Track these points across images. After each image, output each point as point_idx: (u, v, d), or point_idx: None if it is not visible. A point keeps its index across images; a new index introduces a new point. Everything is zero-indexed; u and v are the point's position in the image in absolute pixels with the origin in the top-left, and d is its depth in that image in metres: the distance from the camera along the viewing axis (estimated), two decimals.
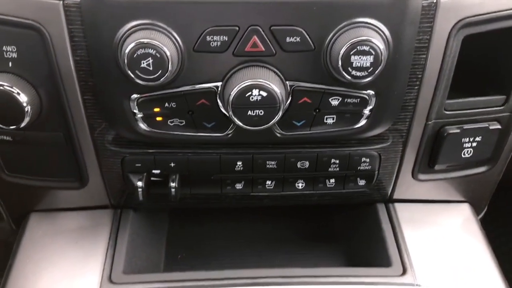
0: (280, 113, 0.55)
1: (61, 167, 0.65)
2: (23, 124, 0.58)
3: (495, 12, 0.57)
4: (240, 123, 0.55)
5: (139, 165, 0.63)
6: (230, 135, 0.59)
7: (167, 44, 0.51)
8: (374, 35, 0.51)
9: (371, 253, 0.68)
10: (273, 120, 0.55)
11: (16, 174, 0.66)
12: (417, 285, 0.61)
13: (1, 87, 0.55)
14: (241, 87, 0.53)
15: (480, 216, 0.78)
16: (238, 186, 0.67)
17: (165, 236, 0.74)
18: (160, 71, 0.52)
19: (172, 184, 0.64)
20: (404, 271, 0.63)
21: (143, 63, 0.51)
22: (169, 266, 0.70)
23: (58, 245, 0.66)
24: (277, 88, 0.53)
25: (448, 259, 0.66)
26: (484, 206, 0.78)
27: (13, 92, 0.56)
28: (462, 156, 0.66)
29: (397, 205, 0.72)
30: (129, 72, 0.51)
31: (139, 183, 0.64)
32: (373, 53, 0.52)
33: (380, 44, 0.51)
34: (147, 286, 0.60)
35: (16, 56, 0.56)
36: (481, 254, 0.67)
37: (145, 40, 0.50)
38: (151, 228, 0.72)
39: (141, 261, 0.66)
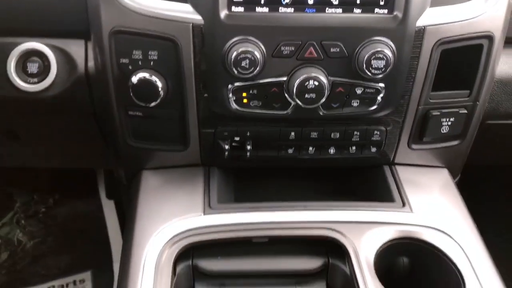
0: (325, 97, 0.86)
1: (172, 135, 0.93)
2: (154, 103, 0.88)
3: (461, 35, 0.87)
4: (300, 103, 0.85)
5: (226, 134, 0.93)
6: (289, 113, 0.89)
7: (257, 52, 0.81)
8: (386, 48, 0.81)
9: (380, 196, 0.96)
10: (320, 101, 0.85)
11: (139, 140, 0.95)
12: (413, 212, 0.92)
13: (146, 77, 0.85)
14: (302, 78, 0.83)
15: (455, 180, 1.08)
16: (290, 150, 0.96)
17: (236, 182, 1.04)
18: (252, 68, 0.82)
19: (248, 148, 0.94)
20: (404, 204, 0.93)
21: (243, 63, 0.82)
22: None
23: (167, 189, 0.94)
24: (324, 80, 0.83)
25: (434, 201, 0.95)
26: (458, 173, 1.08)
27: (152, 80, 0.86)
28: (442, 131, 0.96)
29: (397, 167, 1.01)
30: (233, 68, 0.82)
31: (226, 146, 0.94)
32: (385, 59, 0.82)
33: (389, 53, 0.81)
34: (236, 209, 0.90)
35: (156, 58, 0.85)
36: (455, 199, 0.97)
37: (244, 49, 0.81)
38: (227, 179, 1.01)
39: (224, 199, 0.95)
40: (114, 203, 1.81)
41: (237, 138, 0.93)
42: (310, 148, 0.96)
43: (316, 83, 0.83)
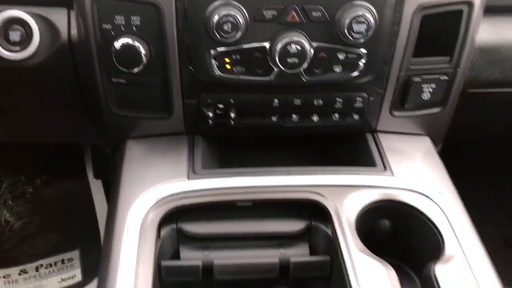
0: (307, 62, 0.86)
1: (156, 103, 0.94)
2: (137, 70, 0.88)
3: (441, 0, 0.88)
4: (282, 67, 0.86)
5: (210, 101, 0.93)
6: (272, 79, 0.90)
7: (239, 16, 0.81)
8: (367, 12, 0.82)
9: (362, 162, 0.98)
10: (303, 66, 0.86)
11: (123, 108, 0.95)
12: (393, 175, 0.93)
13: (129, 42, 0.85)
14: (284, 42, 0.83)
15: (438, 149, 1.10)
16: (274, 118, 0.97)
17: (220, 151, 1.04)
18: (234, 32, 0.82)
19: (232, 115, 0.95)
20: (385, 169, 0.94)
21: (225, 26, 0.82)
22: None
23: (152, 157, 0.94)
24: (306, 44, 0.84)
25: (415, 166, 0.97)
26: (440, 142, 1.10)
27: (135, 46, 0.86)
28: (423, 98, 0.97)
29: (380, 134, 1.02)
30: (215, 32, 0.82)
31: (210, 114, 0.94)
32: (366, 23, 0.83)
33: (370, 18, 0.82)
34: (220, 174, 0.91)
35: (139, 23, 0.85)
36: (437, 165, 0.98)
37: (227, 12, 0.81)
38: (211, 148, 1.02)
39: (209, 165, 0.96)
40: (102, 182, 1.81)
41: (221, 106, 0.94)
42: (294, 116, 0.97)
43: (299, 47, 0.83)
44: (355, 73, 0.89)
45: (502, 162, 2.04)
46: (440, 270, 0.78)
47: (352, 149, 1.04)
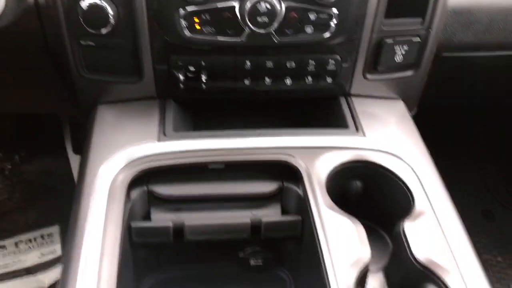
0: (278, 22, 0.85)
1: (126, 66, 0.93)
2: (105, 31, 0.87)
3: None
4: (252, 26, 0.85)
5: (180, 63, 0.92)
6: (244, 40, 0.89)
7: None
8: None
9: (334, 124, 0.97)
10: (273, 24, 0.84)
11: (93, 72, 0.94)
12: (366, 137, 0.93)
13: (96, 2, 0.84)
14: (253, 0, 0.82)
15: (412, 113, 1.10)
16: (247, 81, 0.96)
17: (192, 116, 1.04)
18: None
19: (203, 78, 0.94)
20: (357, 130, 0.94)
21: None
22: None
23: (122, 121, 0.93)
24: (276, 3, 0.83)
25: (388, 129, 0.97)
26: (414, 106, 1.10)
27: (102, 6, 0.85)
28: (395, 60, 0.97)
29: (353, 98, 1.02)
30: None
31: (181, 77, 0.93)
32: None
33: None
34: (191, 137, 0.90)
35: None
36: (410, 128, 0.98)
37: None
38: (185, 113, 1.01)
39: (181, 129, 0.95)
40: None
41: (192, 68, 0.93)
42: (267, 79, 0.96)
43: (268, 6, 0.83)
44: (327, 34, 0.89)
45: (482, 132, 2.06)
46: (409, 226, 0.78)
47: (325, 113, 1.04)
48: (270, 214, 0.88)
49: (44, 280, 1.58)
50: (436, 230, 0.78)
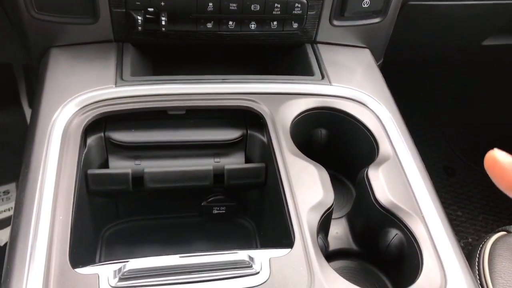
0: None
1: (80, 5, 0.87)
2: None
3: None
4: None
5: (138, 3, 0.87)
6: None
7: None
8: None
9: (300, 71, 0.95)
10: None
11: (44, 12, 0.88)
12: (330, 84, 0.92)
13: None
14: None
15: (379, 63, 1.08)
16: (209, 25, 0.92)
17: (152, 64, 0.99)
18: None
19: (163, 20, 0.89)
20: (323, 77, 0.92)
21: None
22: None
23: (77, 64, 0.88)
24: None
25: (353, 76, 0.95)
26: (381, 55, 1.08)
27: None
28: (362, 6, 0.95)
29: (320, 45, 1.00)
30: None
31: (139, 18, 0.88)
32: None
33: None
34: (150, 81, 0.86)
35: None
36: (375, 76, 0.97)
37: None
38: (144, 58, 0.97)
39: (140, 74, 0.91)
40: None
41: (150, 9, 0.88)
42: (230, 23, 0.92)
43: None
44: None
45: (447, 85, 2.08)
46: (373, 171, 0.77)
47: (291, 60, 1.01)
48: (234, 162, 0.86)
49: (1, 238, 1.53)
50: (400, 175, 0.78)
